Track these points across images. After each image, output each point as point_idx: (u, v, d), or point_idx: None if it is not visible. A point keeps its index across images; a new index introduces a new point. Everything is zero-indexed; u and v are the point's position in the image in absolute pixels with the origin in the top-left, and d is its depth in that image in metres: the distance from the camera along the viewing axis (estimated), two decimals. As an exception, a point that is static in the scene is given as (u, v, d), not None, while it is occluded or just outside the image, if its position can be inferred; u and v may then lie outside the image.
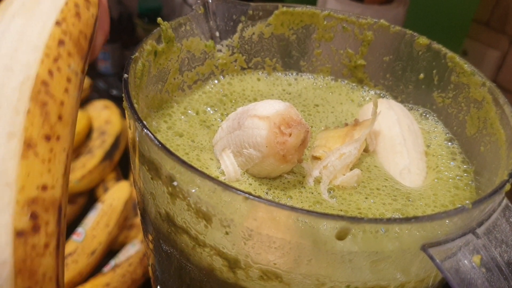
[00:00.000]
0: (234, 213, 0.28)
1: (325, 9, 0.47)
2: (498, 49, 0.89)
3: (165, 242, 0.35)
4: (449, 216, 0.27)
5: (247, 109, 0.35)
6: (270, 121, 0.32)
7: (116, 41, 1.12)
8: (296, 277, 0.29)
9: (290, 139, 0.32)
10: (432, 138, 0.43)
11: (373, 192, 0.35)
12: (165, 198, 0.31)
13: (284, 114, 0.33)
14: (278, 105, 0.34)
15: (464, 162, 0.40)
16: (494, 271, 0.27)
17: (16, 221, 0.21)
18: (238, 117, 0.35)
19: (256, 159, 0.33)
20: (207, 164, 0.36)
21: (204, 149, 0.37)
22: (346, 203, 0.34)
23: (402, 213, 0.34)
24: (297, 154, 0.33)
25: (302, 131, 0.33)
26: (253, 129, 0.33)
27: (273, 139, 0.32)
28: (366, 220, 0.27)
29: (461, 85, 0.42)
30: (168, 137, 0.38)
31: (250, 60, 0.48)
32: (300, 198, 0.34)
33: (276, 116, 0.33)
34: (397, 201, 0.35)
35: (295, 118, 0.33)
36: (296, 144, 0.33)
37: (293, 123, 0.32)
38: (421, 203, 0.35)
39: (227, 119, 0.37)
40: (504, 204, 0.30)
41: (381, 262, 0.28)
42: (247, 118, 0.34)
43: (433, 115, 0.45)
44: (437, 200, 0.36)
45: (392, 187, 0.36)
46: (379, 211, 0.34)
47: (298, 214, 0.26)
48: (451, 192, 0.37)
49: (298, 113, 0.34)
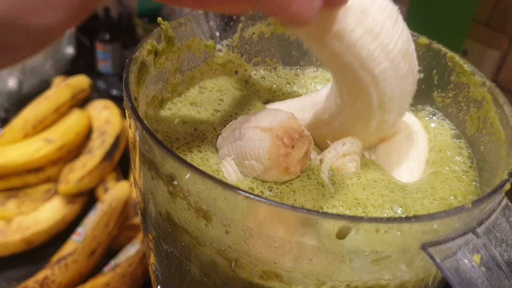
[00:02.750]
0: (234, 212, 0.28)
1: (325, 9, 0.47)
2: (498, 49, 0.89)
3: (165, 241, 0.35)
4: (449, 215, 0.27)
5: (248, 118, 0.34)
6: (272, 133, 0.32)
7: (116, 41, 1.12)
8: (296, 276, 0.29)
9: (293, 152, 0.32)
10: (438, 135, 0.43)
11: (370, 184, 0.35)
12: (166, 198, 0.31)
13: (287, 125, 0.32)
14: (281, 116, 0.33)
15: (469, 158, 0.40)
16: (494, 270, 0.27)
17: None
18: (239, 127, 0.34)
19: (258, 171, 0.33)
20: (208, 156, 0.36)
21: (206, 139, 0.37)
22: (343, 193, 0.34)
23: (400, 204, 0.34)
24: (299, 166, 0.33)
25: (305, 143, 0.32)
26: (255, 140, 0.32)
27: (276, 152, 0.31)
28: (366, 219, 0.27)
29: (461, 85, 0.42)
30: (171, 125, 0.38)
31: (250, 60, 0.48)
32: (303, 191, 0.34)
33: (278, 128, 0.32)
34: (395, 193, 0.35)
35: (298, 130, 0.32)
36: (299, 157, 0.32)
37: (296, 135, 0.32)
38: (418, 196, 0.35)
39: (227, 127, 0.36)
40: (504, 204, 0.30)
41: (381, 261, 0.28)
42: (249, 129, 0.33)
43: (439, 114, 0.45)
44: (435, 193, 0.36)
45: (389, 180, 0.36)
46: (377, 201, 0.34)
47: (299, 213, 0.26)
48: (451, 185, 0.37)
49: (301, 124, 0.33)
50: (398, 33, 0.32)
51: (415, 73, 0.35)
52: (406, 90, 0.35)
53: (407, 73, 0.34)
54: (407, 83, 0.35)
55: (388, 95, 0.34)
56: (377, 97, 0.34)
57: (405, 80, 0.34)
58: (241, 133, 0.34)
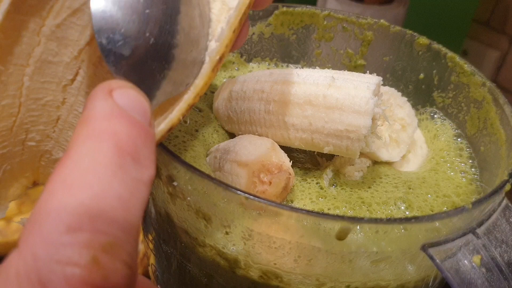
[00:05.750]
0: (234, 213, 0.28)
1: (325, 9, 0.47)
2: (498, 49, 0.89)
3: (165, 242, 0.35)
4: (449, 216, 0.27)
5: (228, 148, 0.33)
6: (249, 169, 0.31)
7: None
8: (296, 277, 0.29)
9: (270, 189, 0.31)
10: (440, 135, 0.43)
11: (376, 181, 0.35)
12: (165, 198, 0.31)
13: (265, 160, 0.31)
14: (260, 148, 0.32)
15: (470, 158, 0.40)
16: (494, 271, 0.27)
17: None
18: (219, 156, 0.34)
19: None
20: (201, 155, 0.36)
21: (205, 141, 0.37)
22: (347, 194, 0.34)
23: (404, 200, 0.34)
24: (279, 200, 0.32)
25: (282, 178, 0.31)
26: (232, 175, 0.32)
27: (252, 189, 0.31)
28: (366, 220, 0.27)
29: (461, 85, 0.42)
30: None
31: (250, 60, 0.48)
32: (302, 194, 0.34)
33: (255, 163, 0.31)
34: (399, 189, 0.35)
35: (277, 163, 0.31)
36: (277, 192, 0.31)
37: (274, 170, 0.31)
38: (421, 192, 0.35)
39: (209, 152, 0.36)
40: (504, 204, 0.30)
41: (381, 262, 0.28)
42: (227, 162, 0.32)
43: (440, 114, 0.45)
44: (438, 190, 0.36)
45: (393, 175, 0.36)
46: (382, 199, 0.34)
47: (298, 214, 0.26)
48: (453, 184, 0.37)
49: (281, 155, 0.32)
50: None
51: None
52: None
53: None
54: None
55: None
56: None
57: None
58: (220, 164, 0.33)
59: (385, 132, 0.38)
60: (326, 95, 0.32)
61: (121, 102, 0.19)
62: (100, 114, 0.19)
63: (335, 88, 0.32)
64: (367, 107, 0.31)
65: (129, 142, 0.18)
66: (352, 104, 0.31)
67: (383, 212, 0.33)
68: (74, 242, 0.16)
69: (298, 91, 0.33)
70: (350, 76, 0.33)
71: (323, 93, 0.32)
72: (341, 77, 0.33)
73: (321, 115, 0.32)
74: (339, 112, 0.31)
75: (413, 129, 0.39)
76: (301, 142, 0.34)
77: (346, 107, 0.31)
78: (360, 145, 0.32)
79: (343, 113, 0.31)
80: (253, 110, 0.35)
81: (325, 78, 0.33)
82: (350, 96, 0.31)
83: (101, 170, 0.17)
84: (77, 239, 0.16)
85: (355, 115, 0.31)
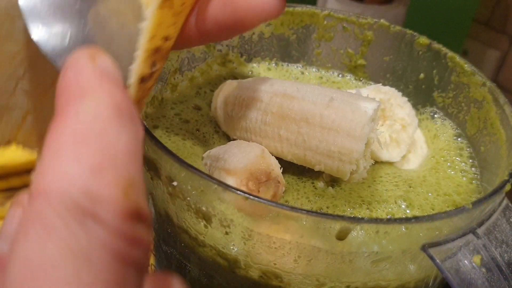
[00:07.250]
0: (234, 213, 0.28)
1: (325, 9, 0.47)
2: (498, 49, 0.89)
3: (165, 242, 0.35)
4: (450, 216, 0.27)
5: (218, 155, 0.33)
6: (237, 178, 0.31)
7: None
8: (296, 278, 0.29)
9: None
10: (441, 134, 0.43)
11: (376, 180, 0.35)
12: (165, 198, 0.31)
13: (253, 168, 0.31)
14: (249, 156, 0.32)
15: (471, 157, 0.40)
16: (494, 271, 0.27)
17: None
18: (209, 163, 0.34)
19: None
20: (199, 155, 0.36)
21: (206, 142, 0.37)
22: (347, 193, 0.34)
23: (404, 199, 0.34)
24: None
25: (271, 186, 0.31)
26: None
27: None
28: (366, 220, 0.27)
29: (461, 85, 0.42)
30: (174, 122, 0.38)
31: (250, 60, 0.48)
32: (297, 196, 0.34)
33: (244, 171, 0.31)
34: (399, 187, 0.35)
35: (265, 171, 0.31)
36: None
37: (262, 178, 0.31)
38: (422, 190, 0.35)
39: (202, 158, 0.36)
40: (505, 204, 0.30)
41: (381, 262, 0.28)
42: (216, 170, 0.32)
43: (440, 113, 0.45)
44: (439, 188, 0.36)
45: (394, 174, 0.36)
46: (382, 197, 0.34)
47: (298, 214, 0.26)
48: (454, 183, 0.37)
49: (271, 162, 0.32)
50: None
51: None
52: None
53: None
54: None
55: None
56: None
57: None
58: (210, 172, 0.33)
59: (385, 132, 0.38)
60: (323, 115, 0.32)
61: (103, 66, 0.19)
62: (89, 77, 0.19)
63: (333, 109, 0.32)
64: (362, 132, 0.31)
65: (123, 101, 0.19)
66: (348, 127, 0.31)
67: (384, 211, 0.33)
68: (101, 181, 0.17)
69: (296, 106, 0.33)
70: (349, 98, 0.33)
71: (320, 112, 0.32)
72: (340, 98, 0.33)
73: (316, 134, 0.32)
74: (334, 134, 0.32)
75: (414, 129, 0.39)
76: (294, 157, 0.34)
77: (341, 130, 0.31)
78: (351, 167, 0.32)
79: (338, 135, 0.31)
80: (250, 118, 0.35)
81: (324, 97, 0.33)
82: (347, 119, 0.32)
83: (107, 123, 0.18)
84: (104, 178, 0.17)
85: (350, 138, 0.31)
